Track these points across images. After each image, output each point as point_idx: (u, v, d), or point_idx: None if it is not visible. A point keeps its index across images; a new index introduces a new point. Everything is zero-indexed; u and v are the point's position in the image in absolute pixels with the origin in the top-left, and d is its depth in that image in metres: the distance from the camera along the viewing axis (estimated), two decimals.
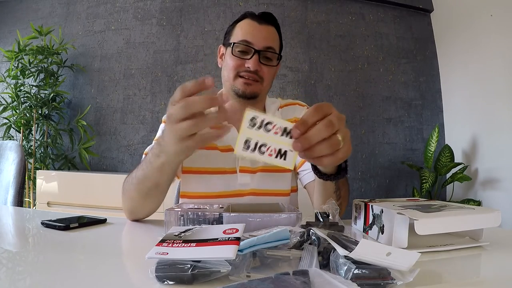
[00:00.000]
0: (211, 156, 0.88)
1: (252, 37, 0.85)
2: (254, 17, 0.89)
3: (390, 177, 2.52)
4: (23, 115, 2.30)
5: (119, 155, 2.48)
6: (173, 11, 2.55)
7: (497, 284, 0.42)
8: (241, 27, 0.89)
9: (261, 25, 0.88)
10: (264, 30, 0.87)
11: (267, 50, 0.86)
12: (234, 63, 0.86)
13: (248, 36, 0.85)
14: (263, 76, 0.87)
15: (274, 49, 0.87)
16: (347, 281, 0.34)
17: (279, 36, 0.93)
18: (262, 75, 0.87)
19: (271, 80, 0.91)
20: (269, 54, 0.87)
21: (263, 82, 0.88)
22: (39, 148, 2.35)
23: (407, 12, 2.64)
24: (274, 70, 0.90)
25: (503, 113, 2.05)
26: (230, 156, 0.87)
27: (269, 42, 0.86)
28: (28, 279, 0.41)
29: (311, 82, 2.50)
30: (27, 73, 2.36)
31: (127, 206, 0.74)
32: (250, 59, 0.84)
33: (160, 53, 2.51)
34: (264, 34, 0.86)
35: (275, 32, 0.90)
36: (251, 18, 0.89)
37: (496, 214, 0.56)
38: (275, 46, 0.88)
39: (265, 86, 0.89)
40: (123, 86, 2.52)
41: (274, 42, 0.88)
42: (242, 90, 0.86)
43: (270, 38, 0.87)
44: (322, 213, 0.56)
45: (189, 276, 0.37)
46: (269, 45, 0.86)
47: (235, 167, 0.88)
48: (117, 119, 2.51)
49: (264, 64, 0.86)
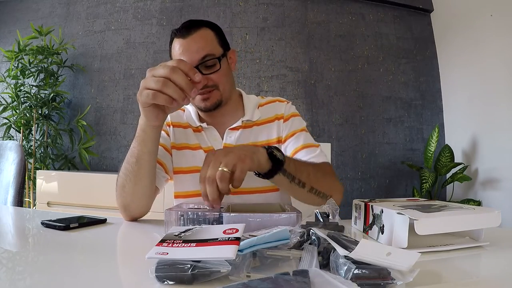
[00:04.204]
0: (197, 155, 0.90)
1: (184, 57, 0.82)
2: (179, 32, 0.85)
3: (390, 177, 2.52)
4: (23, 115, 2.30)
5: (119, 155, 2.48)
6: (173, 11, 2.55)
7: (497, 284, 0.42)
8: (173, 50, 0.86)
9: (187, 37, 0.84)
10: (193, 42, 0.83)
11: (203, 60, 0.83)
12: None
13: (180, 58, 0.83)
14: (215, 83, 0.85)
15: (211, 54, 0.84)
16: (347, 281, 0.34)
17: (215, 31, 0.88)
18: (213, 83, 0.85)
19: (226, 80, 0.89)
20: (208, 63, 0.83)
21: (219, 87, 0.86)
22: (39, 148, 2.35)
23: (407, 12, 2.64)
24: (223, 71, 0.87)
25: (503, 113, 2.05)
26: None
27: (201, 51, 0.83)
28: (28, 279, 0.41)
29: (311, 82, 2.50)
30: (27, 73, 2.36)
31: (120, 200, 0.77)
32: None
33: (160, 53, 2.51)
34: (194, 47, 0.83)
35: (205, 34, 0.86)
36: (177, 36, 0.85)
37: (496, 214, 0.56)
38: (210, 49, 0.84)
39: (223, 89, 0.87)
40: (123, 86, 2.52)
41: (207, 47, 0.84)
42: (204, 106, 0.87)
43: (201, 47, 0.83)
44: (322, 213, 0.56)
45: (189, 276, 0.37)
46: (202, 54, 0.83)
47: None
48: (117, 119, 2.51)
49: (209, 73, 0.84)
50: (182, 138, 0.93)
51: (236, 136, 0.92)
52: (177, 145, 0.93)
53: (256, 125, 0.94)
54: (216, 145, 0.91)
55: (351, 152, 2.48)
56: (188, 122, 0.95)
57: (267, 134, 0.94)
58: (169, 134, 0.94)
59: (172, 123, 0.95)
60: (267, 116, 0.95)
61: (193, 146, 0.92)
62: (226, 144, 0.91)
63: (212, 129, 0.93)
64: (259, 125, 0.94)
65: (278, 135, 0.94)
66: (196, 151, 0.92)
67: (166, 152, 0.91)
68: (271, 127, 0.94)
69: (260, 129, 0.94)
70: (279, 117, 0.95)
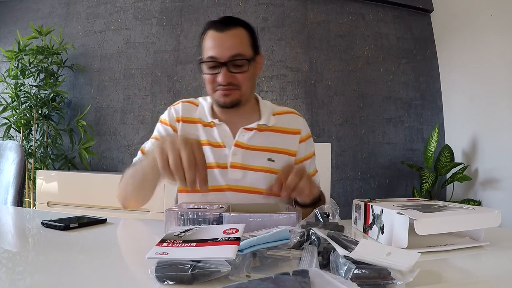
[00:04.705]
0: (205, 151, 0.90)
1: (216, 51, 0.84)
2: (215, 25, 0.87)
3: (390, 177, 2.52)
4: (23, 115, 2.30)
5: (119, 155, 2.48)
6: (173, 11, 2.55)
7: (497, 284, 0.42)
8: (206, 41, 0.87)
9: (223, 32, 0.85)
10: (227, 38, 0.84)
11: (234, 59, 0.84)
12: (208, 79, 0.87)
13: (212, 51, 0.84)
14: (239, 83, 0.87)
15: (242, 54, 0.85)
16: (347, 281, 0.34)
17: (250, 33, 0.90)
18: (237, 83, 0.86)
19: (250, 83, 0.90)
20: (238, 62, 0.84)
21: (241, 88, 0.88)
22: (39, 148, 2.35)
23: (407, 12, 2.64)
24: (249, 73, 0.88)
25: (503, 113, 2.05)
26: (221, 151, 0.91)
27: (234, 49, 0.84)
28: (28, 279, 0.41)
29: (311, 82, 2.50)
30: (27, 73, 2.36)
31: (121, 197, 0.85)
32: (220, 74, 0.84)
33: (160, 53, 2.51)
34: (227, 43, 0.84)
35: (241, 33, 0.87)
36: (213, 28, 0.86)
37: (496, 214, 0.56)
38: (243, 50, 0.85)
39: (244, 91, 0.89)
40: (123, 86, 2.52)
41: (241, 47, 0.85)
42: (223, 102, 0.88)
43: (234, 45, 0.84)
44: (322, 213, 0.56)
45: (189, 276, 0.37)
46: (234, 53, 0.84)
47: (226, 163, 0.90)
48: (117, 119, 2.51)
49: (235, 72, 0.85)
50: (190, 133, 0.94)
51: (249, 136, 0.93)
52: None
53: (271, 131, 0.96)
54: (226, 142, 0.92)
55: (351, 152, 2.48)
56: (199, 118, 0.96)
57: (284, 144, 0.96)
58: (177, 130, 0.95)
59: (182, 118, 0.96)
60: (283, 125, 0.97)
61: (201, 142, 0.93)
62: (237, 142, 0.92)
63: (224, 126, 0.94)
64: (274, 131, 0.96)
65: (294, 149, 0.97)
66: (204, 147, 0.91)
67: None
68: (288, 138, 0.97)
69: (276, 136, 0.96)
70: (296, 132, 0.99)
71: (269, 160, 0.92)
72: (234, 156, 0.90)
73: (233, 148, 0.91)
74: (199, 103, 0.99)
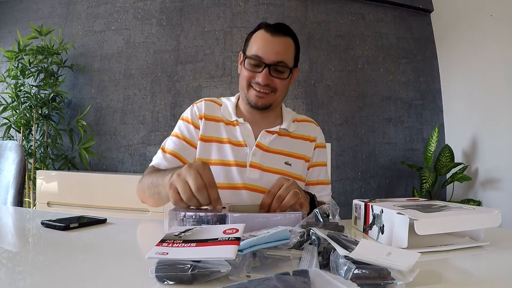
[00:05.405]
0: (224, 149, 0.93)
1: (264, 52, 0.87)
2: (269, 28, 0.90)
3: (390, 177, 2.52)
4: (23, 115, 2.29)
5: (119, 155, 2.48)
6: (173, 11, 2.55)
7: (497, 284, 0.42)
8: (255, 39, 0.91)
9: (275, 37, 0.88)
10: (277, 43, 0.88)
11: (277, 64, 0.88)
12: (247, 75, 0.91)
13: (260, 51, 0.88)
14: (275, 87, 0.91)
15: (285, 62, 0.89)
16: (347, 281, 0.34)
17: (296, 46, 0.94)
18: (274, 86, 0.91)
19: (284, 90, 0.94)
20: (279, 68, 0.89)
21: (276, 92, 0.92)
22: (39, 148, 2.35)
23: (407, 12, 2.64)
24: (286, 81, 0.93)
25: (503, 113, 2.05)
26: (242, 150, 0.93)
27: (280, 56, 0.88)
28: (28, 279, 0.41)
29: (311, 82, 2.50)
30: (27, 73, 2.35)
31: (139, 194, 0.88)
32: (260, 73, 0.88)
33: (160, 53, 2.51)
34: (276, 48, 0.88)
35: (289, 43, 0.91)
36: (265, 30, 0.90)
37: (496, 214, 0.56)
38: (287, 59, 0.90)
39: (278, 96, 0.93)
40: (123, 86, 2.52)
41: (286, 55, 0.90)
42: (254, 102, 0.93)
43: (282, 51, 0.88)
44: (322, 213, 0.56)
45: (189, 276, 0.37)
46: (280, 59, 0.88)
47: (245, 162, 0.92)
48: (117, 119, 2.51)
49: (275, 77, 0.89)
50: (212, 131, 0.96)
51: (270, 139, 0.96)
52: (205, 137, 0.95)
53: (290, 137, 1.00)
54: (248, 142, 0.94)
55: (351, 152, 2.48)
56: (222, 116, 0.98)
57: (302, 150, 1.00)
58: (199, 126, 0.96)
59: (205, 115, 0.97)
60: (301, 132, 1.02)
61: (222, 140, 0.95)
62: (259, 143, 0.94)
63: (248, 126, 0.96)
64: (293, 137, 1.00)
65: (309, 156, 1.01)
66: (224, 145, 0.94)
67: (190, 146, 0.94)
68: (305, 145, 1.01)
69: (294, 142, 0.99)
70: (312, 139, 1.03)
71: (286, 164, 0.95)
72: (254, 156, 0.92)
73: (254, 148, 0.93)
74: (222, 102, 1.02)
